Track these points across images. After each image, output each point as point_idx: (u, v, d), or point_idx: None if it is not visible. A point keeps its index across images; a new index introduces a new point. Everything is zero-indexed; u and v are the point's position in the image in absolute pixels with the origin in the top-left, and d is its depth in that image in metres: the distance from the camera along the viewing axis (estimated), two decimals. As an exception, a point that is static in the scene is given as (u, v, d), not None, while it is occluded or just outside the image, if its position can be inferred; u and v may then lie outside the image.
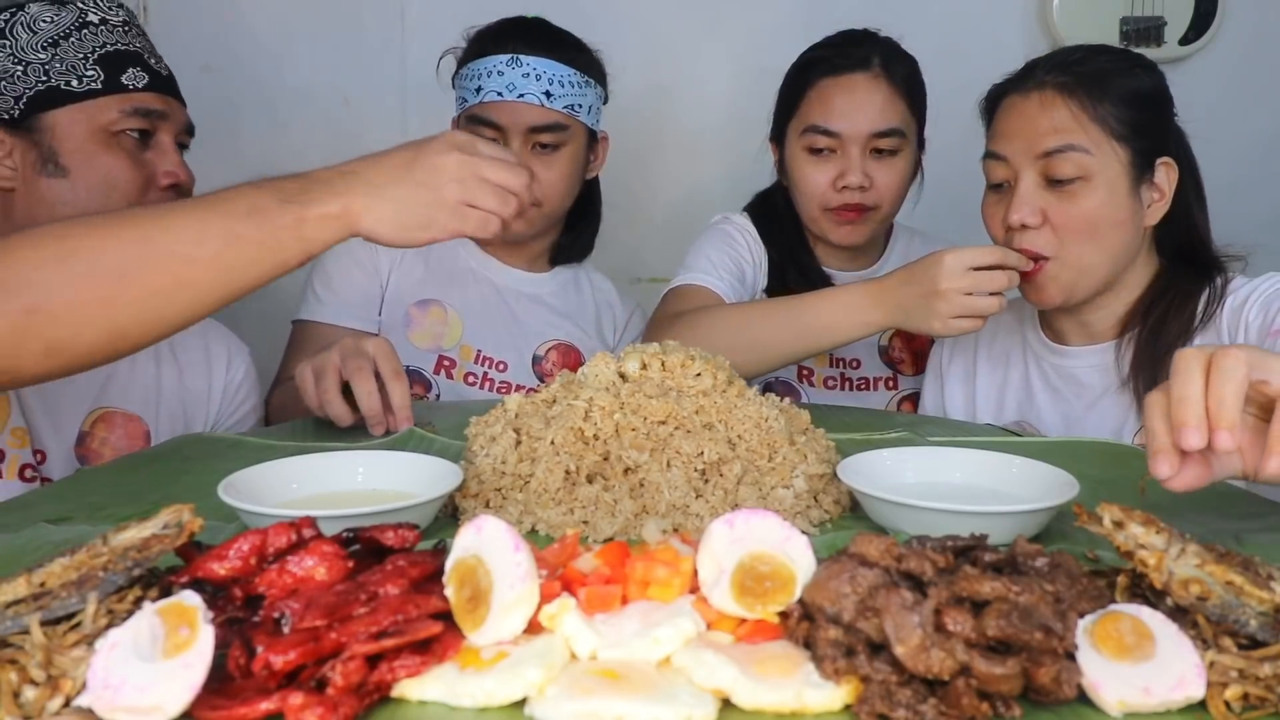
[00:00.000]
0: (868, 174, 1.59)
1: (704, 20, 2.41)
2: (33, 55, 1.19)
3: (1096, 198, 1.27)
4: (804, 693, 0.54)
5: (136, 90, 1.23)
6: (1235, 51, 2.42)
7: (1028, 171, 1.29)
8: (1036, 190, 1.28)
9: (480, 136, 1.55)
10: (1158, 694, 0.54)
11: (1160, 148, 1.30)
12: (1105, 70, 1.30)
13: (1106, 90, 1.28)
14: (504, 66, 1.59)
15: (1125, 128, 1.27)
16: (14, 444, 1.19)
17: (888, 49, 1.62)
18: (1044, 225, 1.28)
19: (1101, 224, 1.27)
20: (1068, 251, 1.28)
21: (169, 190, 1.26)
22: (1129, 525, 0.64)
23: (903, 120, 1.60)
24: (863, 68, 1.59)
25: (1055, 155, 1.27)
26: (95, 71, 1.20)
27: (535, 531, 0.86)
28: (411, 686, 0.56)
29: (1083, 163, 1.26)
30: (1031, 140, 1.29)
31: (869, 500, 0.87)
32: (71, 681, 0.54)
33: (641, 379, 0.95)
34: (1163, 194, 1.31)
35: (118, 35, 1.24)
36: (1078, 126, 1.27)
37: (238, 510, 0.81)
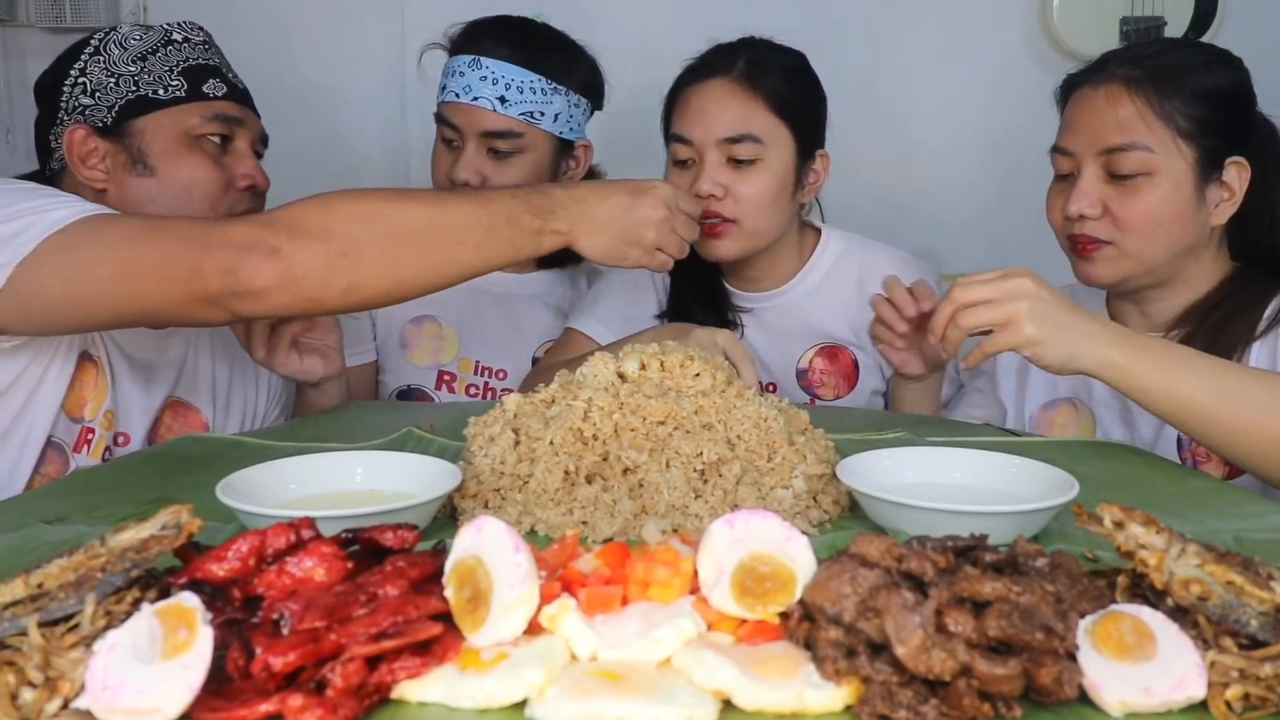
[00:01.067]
0: (722, 183, 1.49)
1: (704, 21, 2.41)
2: (124, 69, 1.31)
3: (1158, 194, 1.26)
4: (804, 693, 0.54)
5: (216, 99, 1.33)
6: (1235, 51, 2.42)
7: (1090, 165, 1.28)
8: (1097, 183, 1.28)
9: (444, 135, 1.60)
10: (1158, 694, 0.54)
11: (1233, 146, 1.28)
12: (1178, 65, 1.28)
13: (1177, 87, 1.26)
14: (465, 67, 1.56)
15: (1194, 125, 1.26)
16: (104, 425, 1.27)
17: (760, 54, 1.53)
18: (1104, 216, 1.28)
19: (1163, 220, 1.27)
20: (1127, 241, 1.28)
21: (246, 191, 1.35)
22: (1129, 525, 0.64)
23: (763, 127, 1.48)
24: (722, 73, 1.51)
25: (1118, 152, 1.26)
26: (180, 82, 1.31)
27: (535, 532, 0.86)
28: (411, 688, 0.55)
29: (1146, 160, 1.25)
30: (1096, 134, 1.28)
31: (869, 500, 0.86)
32: (70, 683, 0.54)
33: (640, 379, 0.95)
34: (1232, 193, 1.29)
35: (199, 52, 1.36)
36: (1142, 124, 1.26)
37: (236, 511, 0.81)
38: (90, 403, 1.25)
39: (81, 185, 1.29)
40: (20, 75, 2.41)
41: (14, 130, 2.42)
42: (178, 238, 1.05)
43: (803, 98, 1.55)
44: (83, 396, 1.24)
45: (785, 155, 1.52)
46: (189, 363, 1.40)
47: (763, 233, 1.54)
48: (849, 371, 1.63)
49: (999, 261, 1.38)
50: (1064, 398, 1.43)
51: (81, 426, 1.24)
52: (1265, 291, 1.30)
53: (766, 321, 1.64)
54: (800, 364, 1.63)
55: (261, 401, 1.52)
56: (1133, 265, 1.29)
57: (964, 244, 1.85)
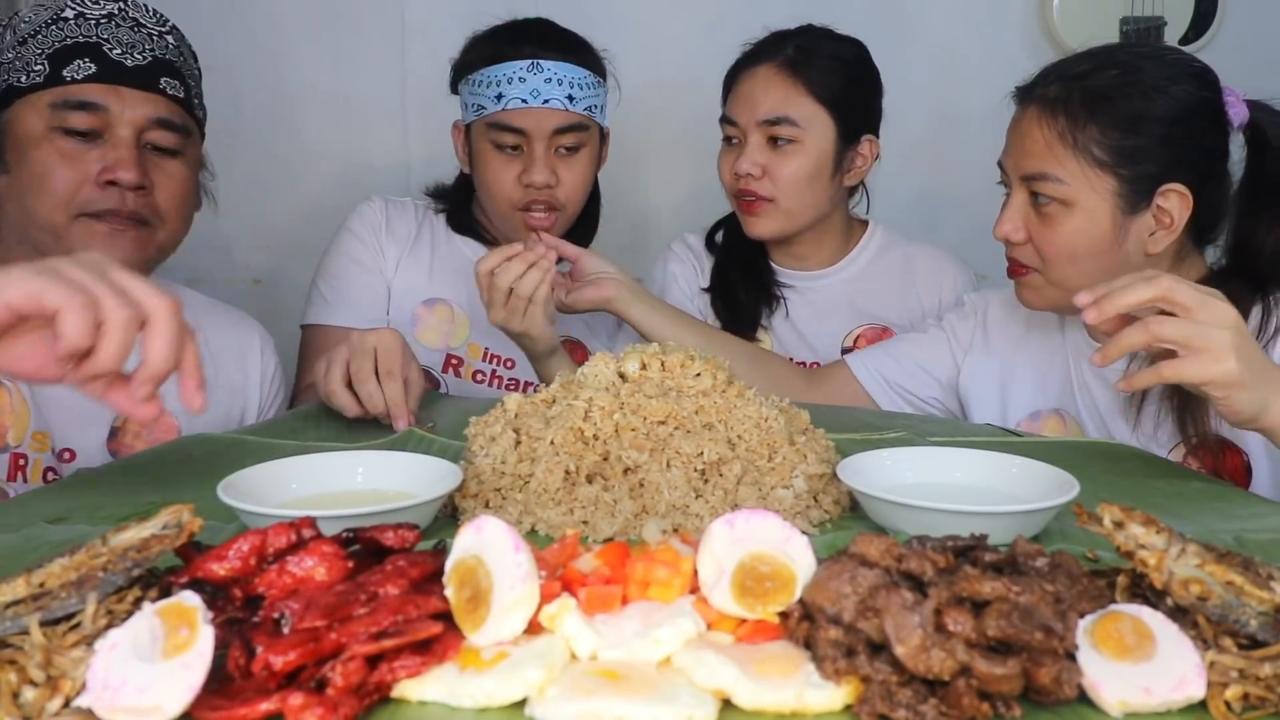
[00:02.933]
0: (760, 163, 1.59)
1: (704, 20, 2.41)
2: (5, 55, 1.18)
3: (1072, 225, 1.22)
4: (804, 693, 0.54)
5: (76, 81, 1.16)
6: (1235, 51, 2.42)
7: (1017, 189, 1.27)
8: (1022, 207, 1.26)
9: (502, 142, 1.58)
10: (1158, 694, 0.54)
11: (1171, 174, 1.20)
12: (1103, 89, 1.21)
13: (1094, 114, 1.19)
14: (525, 72, 1.58)
15: (1112, 155, 1.19)
16: (35, 448, 1.19)
17: (811, 42, 1.61)
18: (1028, 243, 1.26)
19: (1079, 251, 1.22)
20: (1048, 270, 1.26)
21: (107, 188, 1.18)
22: (1129, 525, 0.64)
23: (801, 111, 1.58)
24: (769, 59, 1.60)
25: (1035, 179, 1.23)
26: (43, 65, 1.16)
27: (535, 531, 0.86)
28: (411, 687, 0.55)
29: (1059, 189, 1.21)
30: (1018, 158, 1.26)
31: (869, 500, 0.87)
32: (71, 682, 0.54)
33: (641, 379, 0.95)
34: (1171, 221, 1.21)
35: (88, 28, 1.18)
36: (1051, 155, 1.21)
37: (237, 510, 0.81)
38: (12, 429, 1.16)
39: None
40: (21, 75, 2.41)
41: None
42: None
43: (849, 86, 1.62)
44: (1, 425, 1.15)
45: (824, 139, 1.60)
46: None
47: (799, 212, 1.63)
48: None
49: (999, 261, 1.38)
50: (1051, 408, 1.42)
51: (10, 454, 1.16)
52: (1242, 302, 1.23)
53: (811, 300, 1.72)
54: (845, 343, 1.70)
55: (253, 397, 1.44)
56: (1059, 294, 1.26)
57: (962, 244, 1.86)
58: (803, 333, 1.72)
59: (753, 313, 1.72)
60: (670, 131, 2.47)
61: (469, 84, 1.63)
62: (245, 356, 1.44)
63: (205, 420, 1.35)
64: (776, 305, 1.71)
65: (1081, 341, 1.40)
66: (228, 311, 1.46)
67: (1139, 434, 1.29)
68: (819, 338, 1.71)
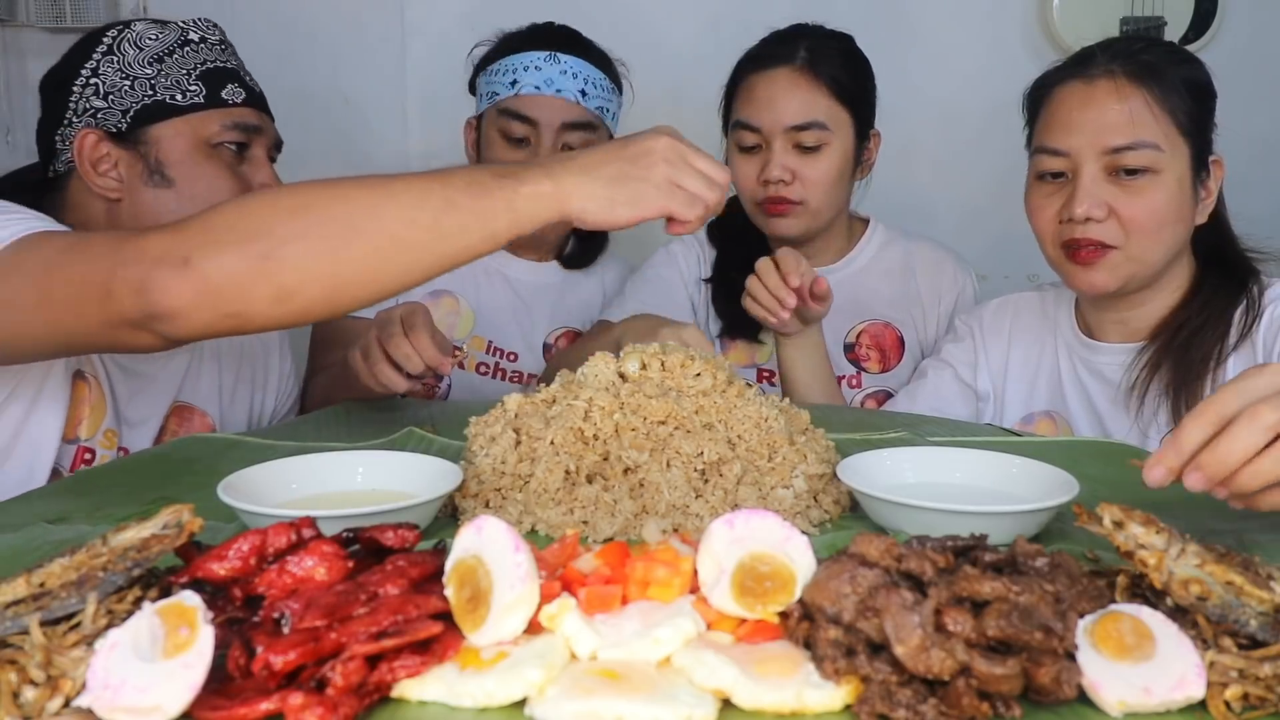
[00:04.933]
0: (790, 168, 1.58)
1: (704, 20, 2.41)
2: (139, 70, 1.23)
3: (1165, 193, 1.23)
4: (804, 693, 0.54)
5: (235, 105, 1.28)
6: (1235, 51, 2.42)
7: (1090, 164, 1.24)
8: (1101, 183, 1.24)
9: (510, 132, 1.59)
10: (1158, 694, 0.54)
11: (1210, 145, 1.28)
12: (1165, 61, 1.26)
13: (1174, 83, 1.24)
14: (541, 62, 1.60)
15: (1190, 122, 1.24)
16: (105, 445, 1.23)
17: (819, 42, 1.61)
18: (1109, 218, 1.24)
19: (1167, 220, 1.24)
20: (1132, 244, 1.25)
21: None
22: (1129, 525, 0.64)
23: (826, 113, 1.58)
24: (786, 62, 1.59)
25: (1125, 151, 1.22)
26: (198, 87, 1.25)
27: (535, 531, 0.86)
28: (411, 687, 0.56)
29: (1154, 158, 1.22)
30: (1099, 131, 1.24)
31: (869, 500, 0.87)
32: (71, 682, 0.54)
33: (641, 379, 0.95)
34: (1209, 192, 1.28)
35: (216, 53, 1.29)
36: (1152, 120, 1.23)
37: (237, 510, 0.81)
38: (86, 422, 1.20)
39: (91, 193, 1.25)
40: (20, 75, 2.41)
41: (14, 130, 2.42)
42: (91, 258, 0.92)
43: (859, 81, 1.63)
44: (77, 416, 1.19)
45: (847, 138, 1.61)
46: (192, 367, 1.37)
47: (824, 212, 1.64)
48: (895, 347, 1.70)
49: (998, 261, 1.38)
50: (1042, 410, 1.43)
51: (78, 447, 1.20)
52: (1229, 300, 1.29)
53: None
54: (848, 338, 1.72)
55: (272, 398, 1.51)
56: (1135, 269, 1.27)
57: (962, 244, 1.86)
58: None
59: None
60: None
61: (486, 74, 1.65)
62: (268, 355, 1.50)
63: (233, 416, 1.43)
64: None
65: (1073, 339, 1.41)
66: None
67: (1139, 421, 1.30)
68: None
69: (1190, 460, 0.73)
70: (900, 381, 1.67)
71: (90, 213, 1.27)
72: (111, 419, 1.23)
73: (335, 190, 0.93)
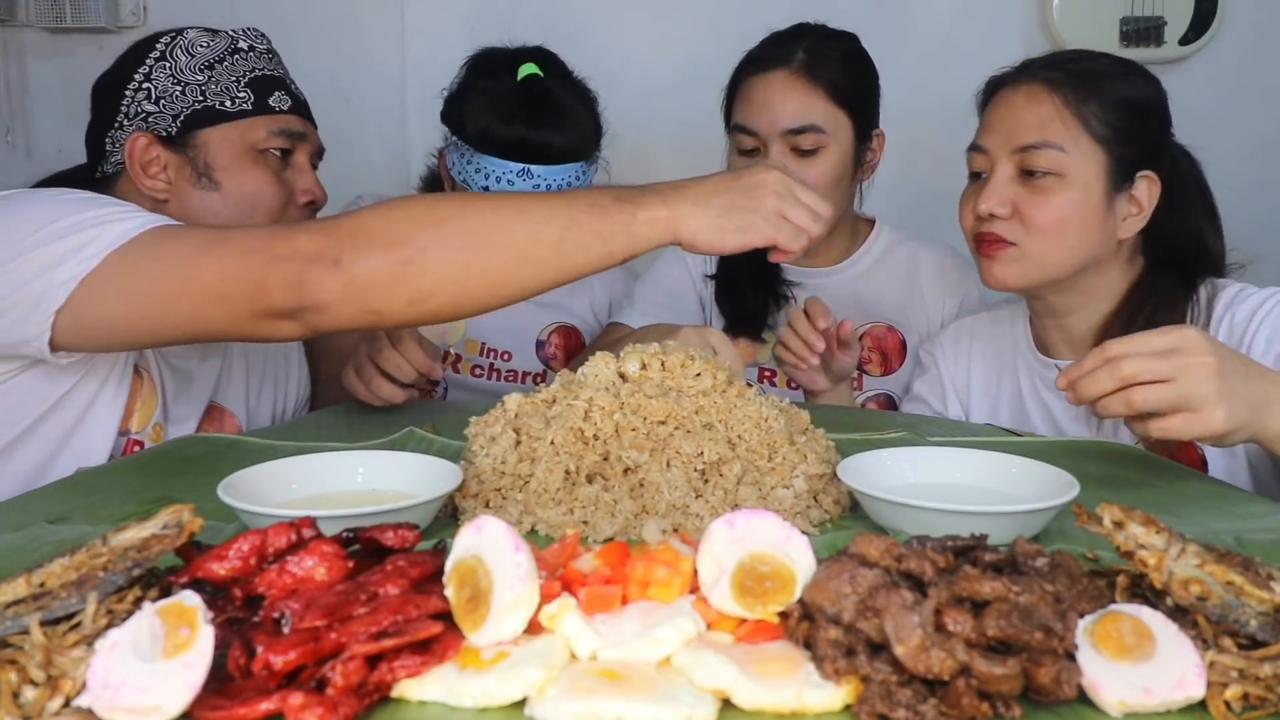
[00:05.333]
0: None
1: (704, 20, 2.41)
2: (190, 77, 1.27)
3: (1067, 196, 1.26)
4: (804, 693, 0.54)
5: (282, 112, 1.32)
6: (1235, 51, 2.42)
7: (1004, 163, 1.29)
8: (1009, 182, 1.28)
9: None
10: (1158, 694, 0.54)
11: (1146, 160, 1.28)
12: (1098, 71, 1.29)
13: (1095, 91, 1.26)
14: (514, 177, 1.55)
15: (1108, 131, 1.26)
16: (153, 438, 1.26)
17: (817, 44, 1.60)
18: (1013, 216, 1.28)
19: (1069, 223, 1.27)
20: (1032, 242, 1.28)
21: (306, 208, 1.34)
22: (1129, 525, 0.64)
23: (823, 116, 1.57)
24: (782, 65, 1.58)
25: (1031, 150, 1.26)
26: (246, 93, 1.29)
27: (535, 531, 0.86)
28: (411, 687, 0.56)
29: (1057, 160, 1.25)
30: (1011, 133, 1.29)
31: (869, 500, 0.87)
32: (71, 682, 0.54)
33: (641, 379, 0.95)
34: (1141, 208, 1.29)
35: (264, 61, 1.34)
36: (1058, 122, 1.26)
37: (237, 510, 0.81)
38: (137, 415, 1.23)
39: (139, 193, 1.27)
40: (20, 75, 2.41)
41: (14, 130, 2.42)
42: (241, 251, 1.01)
43: (858, 82, 1.63)
44: (130, 409, 1.23)
45: (846, 140, 1.60)
46: (224, 369, 1.40)
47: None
48: (897, 350, 1.70)
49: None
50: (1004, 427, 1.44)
51: (128, 440, 1.23)
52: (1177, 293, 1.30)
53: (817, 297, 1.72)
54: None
55: (291, 401, 1.53)
56: (1034, 268, 1.29)
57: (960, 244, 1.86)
58: None
59: (759, 312, 1.73)
60: (670, 132, 2.47)
61: (459, 149, 1.60)
62: (288, 356, 1.53)
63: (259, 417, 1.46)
64: (784, 304, 1.71)
65: (1030, 358, 1.44)
66: None
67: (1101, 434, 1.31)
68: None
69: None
70: (902, 385, 1.67)
71: None
72: (160, 413, 1.27)
73: (471, 204, 1.05)
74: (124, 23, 2.40)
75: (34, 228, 1.03)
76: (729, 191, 1.05)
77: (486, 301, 1.04)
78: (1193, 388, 0.91)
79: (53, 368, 1.10)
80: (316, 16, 2.40)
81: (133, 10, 2.39)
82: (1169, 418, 0.93)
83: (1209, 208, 1.36)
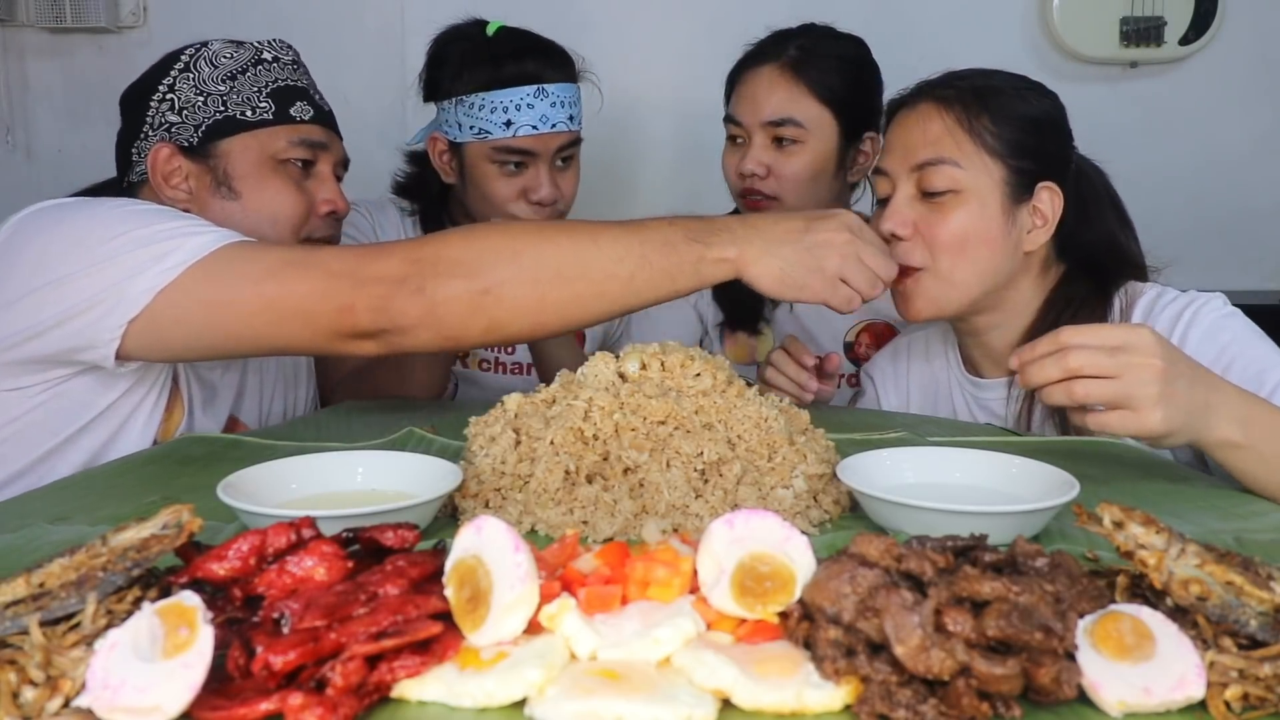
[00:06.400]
0: (765, 162, 1.61)
1: (705, 19, 2.41)
2: (213, 88, 1.28)
3: (966, 212, 1.25)
4: (804, 693, 0.54)
5: (303, 122, 1.32)
6: (1235, 51, 2.42)
7: (904, 184, 1.27)
8: (911, 202, 1.27)
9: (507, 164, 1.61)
10: (1158, 694, 0.54)
11: (1045, 172, 1.27)
12: (989, 88, 1.29)
13: (986, 106, 1.26)
14: (531, 98, 1.59)
15: (1002, 145, 1.25)
16: None
17: (814, 43, 1.62)
18: (915, 237, 1.26)
19: (970, 239, 1.25)
20: (938, 264, 1.26)
21: (328, 218, 1.34)
22: (1129, 525, 0.64)
23: (805, 112, 1.60)
24: (772, 60, 1.61)
25: (927, 168, 1.25)
26: (268, 103, 1.30)
27: (535, 531, 0.86)
28: (411, 687, 0.56)
29: (954, 176, 1.24)
30: (907, 153, 1.28)
31: (869, 500, 0.87)
32: (71, 682, 0.54)
33: (641, 379, 0.95)
34: (1045, 219, 1.28)
35: (288, 72, 1.34)
36: (950, 139, 1.25)
37: (237, 510, 0.81)
38: (166, 426, 1.24)
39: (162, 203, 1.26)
40: (20, 75, 2.41)
41: (14, 130, 2.42)
42: (328, 274, 1.04)
43: (851, 85, 1.64)
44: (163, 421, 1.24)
45: (827, 139, 1.62)
46: (242, 381, 1.40)
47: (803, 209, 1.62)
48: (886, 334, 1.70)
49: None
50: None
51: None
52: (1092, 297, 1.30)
53: None
54: (847, 337, 1.74)
55: (300, 406, 1.54)
56: (947, 292, 1.27)
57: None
58: (804, 326, 1.74)
59: (754, 307, 1.75)
60: (671, 130, 2.47)
61: (464, 105, 1.62)
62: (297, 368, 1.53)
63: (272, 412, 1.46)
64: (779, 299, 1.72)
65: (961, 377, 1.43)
66: None
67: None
68: (820, 332, 1.74)
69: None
70: None
71: None
72: (185, 424, 1.27)
73: (548, 236, 1.08)
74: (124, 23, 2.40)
75: (109, 234, 1.04)
76: (798, 244, 1.08)
77: (557, 329, 1.09)
78: (1135, 387, 0.93)
79: (105, 375, 1.10)
80: (316, 16, 2.40)
81: (133, 10, 2.39)
82: (1108, 414, 0.95)
83: (1121, 216, 1.37)
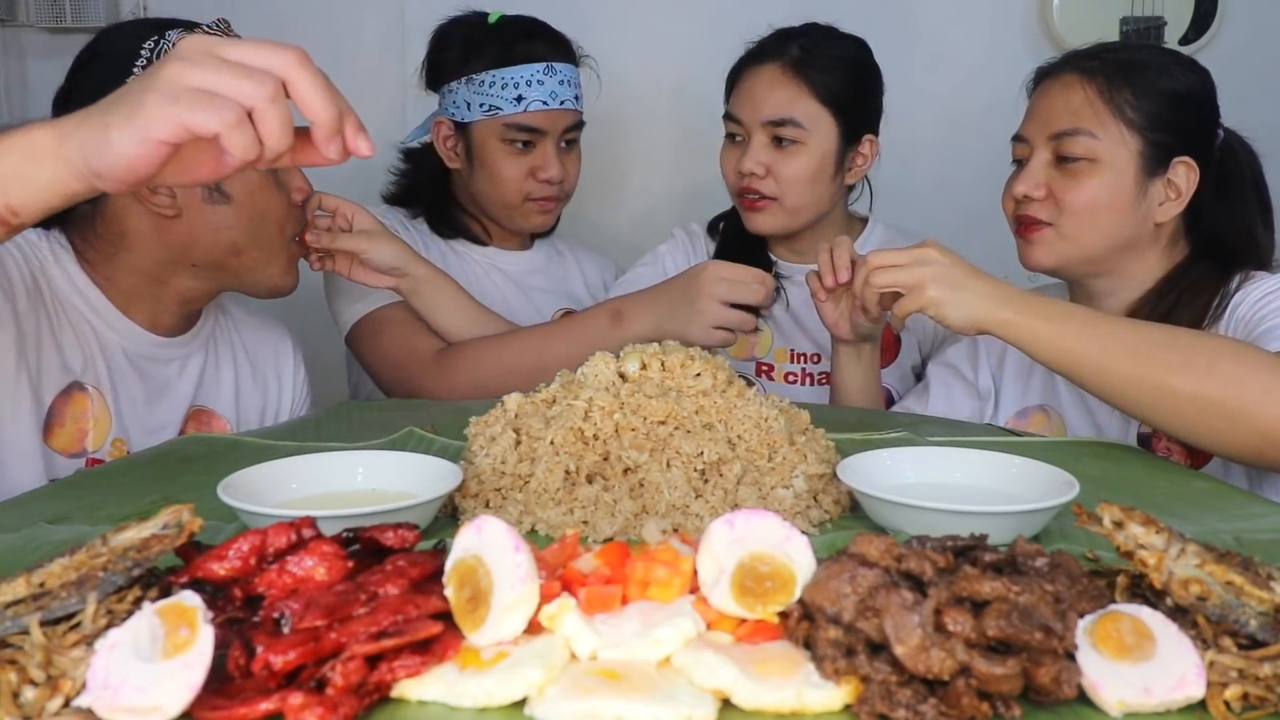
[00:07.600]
0: (764, 162, 1.61)
1: (706, 17, 2.41)
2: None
3: (1099, 180, 1.31)
4: (804, 693, 0.54)
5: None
6: (1235, 51, 2.42)
7: (1041, 150, 1.34)
8: (1045, 167, 1.34)
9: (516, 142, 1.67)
10: (1158, 694, 0.54)
11: (1183, 147, 1.31)
12: (1135, 61, 1.34)
13: (1129, 79, 1.31)
14: (541, 75, 1.64)
15: (1141, 118, 1.30)
16: (114, 454, 1.26)
17: (815, 43, 1.62)
18: (1048, 198, 1.34)
19: (1100, 207, 1.32)
20: (1065, 224, 1.33)
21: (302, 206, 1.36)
22: (1129, 525, 0.64)
23: (804, 112, 1.60)
24: (774, 58, 1.62)
25: (1065, 137, 1.32)
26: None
27: (535, 531, 0.86)
28: (411, 687, 0.55)
29: (1090, 146, 1.31)
30: (1047, 120, 1.34)
31: (869, 500, 0.87)
32: (71, 682, 0.54)
33: (641, 379, 0.95)
34: (1179, 193, 1.32)
35: None
36: (1090, 110, 1.31)
37: (237, 510, 0.81)
38: (92, 434, 1.23)
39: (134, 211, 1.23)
40: (20, 75, 2.41)
41: (14, 130, 2.42)
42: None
43: (852, 86, 1.64)
44: (81, 429, 1.22)
45: (827, 140, 1.62)
46: (208, 371, 1.39)
47: (801, 210, 1.66)
48: (890, 345, 1.70)
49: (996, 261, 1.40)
50: (1035, 405, 1.47)
51: (85, 459, 1.23)
52: (1211, 282, 1.33)
53: None
54: None
55: (286, 403, 1.52)
56: (1069, 249, 1.34)
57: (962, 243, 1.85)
58: (803, 323, 1.74)
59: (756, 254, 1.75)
60: (672, 126, 2.47)
61: (474, 83, 1.66)
62: (279, 361, 1.53)
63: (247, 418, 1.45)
64: (777, 297, 1.72)
65: None
66: (262, 316, 1.54)
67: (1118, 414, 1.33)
68: (819, 329, 1.73)
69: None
70: (895, 379, 1.67)
71: (129, 224, 1.27)
72: (118, 428, 1.25)
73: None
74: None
75: None
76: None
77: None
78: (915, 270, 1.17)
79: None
80: (316, 16, 2.40)
81: (133, 10, 2.39)
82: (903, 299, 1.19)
83: (1263, 203, 1.39)
